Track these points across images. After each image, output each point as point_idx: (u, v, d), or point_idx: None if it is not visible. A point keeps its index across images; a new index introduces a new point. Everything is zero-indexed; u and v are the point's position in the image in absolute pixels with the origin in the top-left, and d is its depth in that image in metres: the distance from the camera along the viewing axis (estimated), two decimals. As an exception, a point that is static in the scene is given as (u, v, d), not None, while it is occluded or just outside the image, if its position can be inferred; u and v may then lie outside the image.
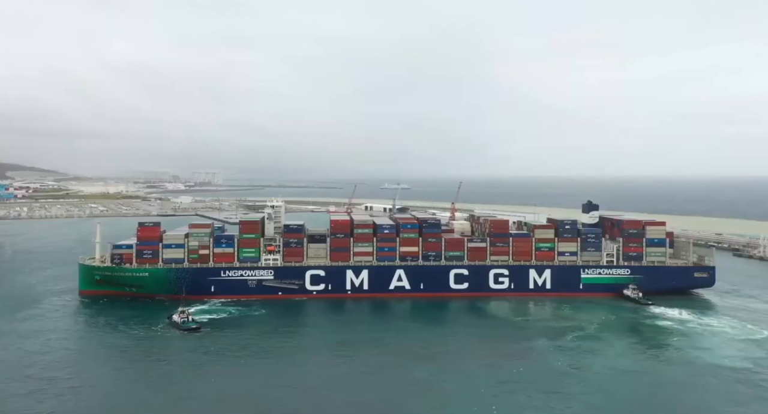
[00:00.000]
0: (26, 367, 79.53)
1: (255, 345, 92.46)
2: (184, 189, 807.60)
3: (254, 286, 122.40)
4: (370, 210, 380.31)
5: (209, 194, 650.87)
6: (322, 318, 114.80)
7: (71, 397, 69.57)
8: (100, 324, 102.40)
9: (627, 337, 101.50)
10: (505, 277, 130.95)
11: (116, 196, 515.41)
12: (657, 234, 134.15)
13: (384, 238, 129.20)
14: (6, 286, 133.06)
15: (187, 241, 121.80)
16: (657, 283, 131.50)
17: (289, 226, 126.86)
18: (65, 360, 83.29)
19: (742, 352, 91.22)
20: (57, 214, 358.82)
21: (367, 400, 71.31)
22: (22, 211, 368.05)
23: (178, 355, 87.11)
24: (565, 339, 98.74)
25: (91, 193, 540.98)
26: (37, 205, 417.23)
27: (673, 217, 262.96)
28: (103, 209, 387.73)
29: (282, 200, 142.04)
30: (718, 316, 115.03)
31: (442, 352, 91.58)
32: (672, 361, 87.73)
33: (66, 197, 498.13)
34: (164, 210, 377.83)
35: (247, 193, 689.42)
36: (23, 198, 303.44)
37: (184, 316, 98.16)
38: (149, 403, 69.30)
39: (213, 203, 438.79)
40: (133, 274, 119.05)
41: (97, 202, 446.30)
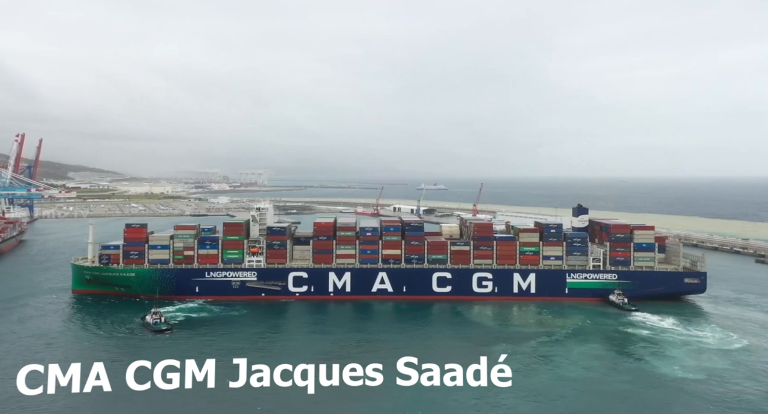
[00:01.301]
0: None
1: (218, 345, 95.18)
2: (229, 189, 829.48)
3: (238, 287, 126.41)
4: (398, 211, 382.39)
5: (252, 194, 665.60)
6: (299, 319, 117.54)
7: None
8: (74, 321, 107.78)
9: (592, 343, 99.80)
10: (489, 281, 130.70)
11: (159, 196, 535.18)
12: (645, 238, 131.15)
13: (366, 241, 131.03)
14: (14, 282, 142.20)
15: (172, 242, 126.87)
16: (645, 288, 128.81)
17: (272, 229, 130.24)
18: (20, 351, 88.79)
19: (705, 362, 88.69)
20: (98, 213, 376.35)
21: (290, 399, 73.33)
22: (67, 210, 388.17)
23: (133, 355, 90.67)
24: (527, 344, 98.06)
25: (135, 193, 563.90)
26: (83, 205, 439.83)
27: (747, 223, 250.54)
28: (142, 209, 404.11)
29: (270, 202, 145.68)
30: (701, 323, 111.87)
31: (389, 349, 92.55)
32: (624, 370, 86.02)
33: (111, 197, 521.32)
34: (198, 210, 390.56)
35: (289, 194, 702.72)
36: (56, 198, 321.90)
37: (157, 317, 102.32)
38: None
39: (248, 203, 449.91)
40: (120, 274, 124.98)
41: (139, 202, 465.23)
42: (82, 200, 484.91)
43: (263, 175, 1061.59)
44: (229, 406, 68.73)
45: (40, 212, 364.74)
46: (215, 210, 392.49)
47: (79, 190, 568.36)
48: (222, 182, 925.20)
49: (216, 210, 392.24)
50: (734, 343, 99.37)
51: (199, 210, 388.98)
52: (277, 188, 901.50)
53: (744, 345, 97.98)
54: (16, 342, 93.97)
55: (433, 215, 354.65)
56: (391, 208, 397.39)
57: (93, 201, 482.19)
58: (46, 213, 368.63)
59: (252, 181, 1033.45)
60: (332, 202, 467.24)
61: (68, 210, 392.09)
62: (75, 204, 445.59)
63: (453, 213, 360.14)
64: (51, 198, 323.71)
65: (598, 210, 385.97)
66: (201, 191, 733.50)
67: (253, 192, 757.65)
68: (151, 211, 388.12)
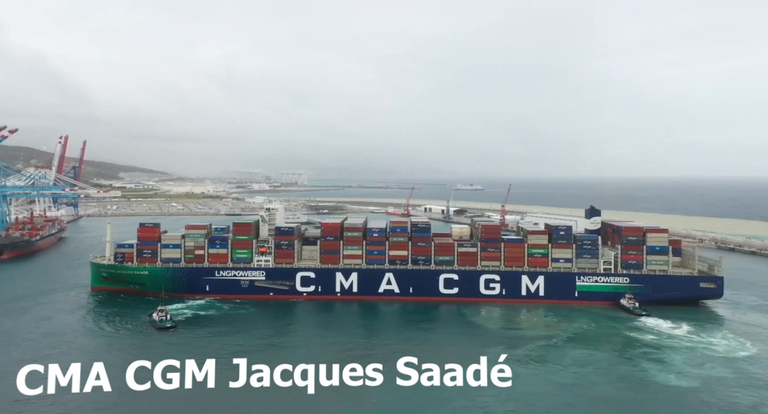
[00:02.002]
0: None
1: (220, 344, 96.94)
2: (269, 189, 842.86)
3: (246, 286, 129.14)
4: (429, 211, 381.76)
5: (290, 194, 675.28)
6: (305, 319, 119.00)
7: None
8: (85, 318, 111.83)
9: (590, 348, 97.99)
10: (497, 283, 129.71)
11: (199, 196, 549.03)
12: (658, 241, 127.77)
13: (373, 242, 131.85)
14: (42, 278, 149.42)
15: (183, 241, 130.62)
16: (658, 292, 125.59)
17: (281, 229, 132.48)
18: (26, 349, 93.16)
19: (704, 370, 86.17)
20: (139, 211, 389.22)
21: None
22: (111, 209, 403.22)
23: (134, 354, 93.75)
24: (524, 347, 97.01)
25: (176, 193, 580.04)
26: (126, 204, 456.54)
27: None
28: (181, 208, 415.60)
29: (281, 202, 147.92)
30: (713, 329, 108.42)
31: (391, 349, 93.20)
32: (616, 376, 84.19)
33: (154, 196, 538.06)
34: (233, 209, 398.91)
35: (326, 194, 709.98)
36: (92, 197, 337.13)
37: (162, 314, 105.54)
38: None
39: (282, 203, 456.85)
40: (134, 272, 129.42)
41: (178, 201, 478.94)
42: (126, 199, 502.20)
43: (303, 175, 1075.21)
44: (228, 406, 69.82)
45: (84, 211, 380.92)
46: (249, 209, 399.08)
47: (124, 190, 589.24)
48: (262, 182, 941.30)
49: (250, 210, 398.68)
50: (743, 350, 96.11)
51: (234, 209, 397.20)
52: (316, 188, 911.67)
53: (753, 353, 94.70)
54: (25, 338, 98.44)
55: (463, 216, 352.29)
56: (423, 208, 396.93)
57: (136, 200, 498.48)
58: (90, 211, 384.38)
59: (292, 181, 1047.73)
60: (364, 202, 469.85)
61: (112, 209, 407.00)
62: (119, 203, 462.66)
63: (484, 214, 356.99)
64: (87, 197, 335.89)
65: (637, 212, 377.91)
66: (241, 191, 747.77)
67: (293, 192, 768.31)
68: (189, 210, 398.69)
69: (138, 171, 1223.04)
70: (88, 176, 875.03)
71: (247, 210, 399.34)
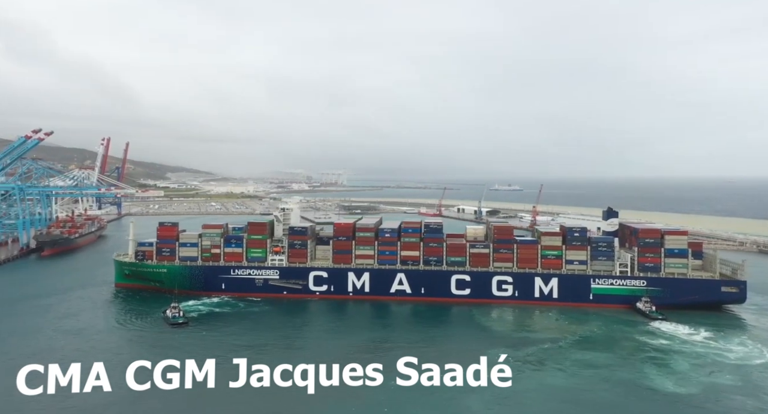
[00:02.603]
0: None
1: (227, 341, 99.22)
2: (308, 189, 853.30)
3: (261, 284, 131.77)
4: (461, 212, 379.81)
5: (327, 194, 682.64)
6: (316, 318, 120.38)
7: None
8: (103, 314, 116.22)
9: (595, 351, 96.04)
10: (509, 285, 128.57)
11: (238, 196, 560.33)
12: (677, 244, 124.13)
13: (385, 242, 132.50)
14: (73, 274, 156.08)
15: (200, 240, 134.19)
16: (676, 296, 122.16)
17: (294, 228, 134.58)
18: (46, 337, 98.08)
19: (710, 377, 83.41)
20: (179, 211, 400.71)
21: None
22: (153, 208, 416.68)
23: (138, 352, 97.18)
24: (528, 349, 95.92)
25: (216, 193, 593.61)
26: (168, 203, 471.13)
27: None
28: (219, 207, 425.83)
29: (297, 203, 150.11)
30: (732, 335, 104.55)
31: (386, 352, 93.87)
32: (614, 380, 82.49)
33: (195, 196, 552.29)
34: (268, 209, 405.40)
35: (365, 194, 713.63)
36: (128, 196, 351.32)
37: (175, 311, 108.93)
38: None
39: (317, 203, 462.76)
40: (153, 270, 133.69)
41: (218, 201, 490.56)
42: (169, 199, 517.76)
43: (343, 175, 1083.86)
44: (228, 405, 71.70)
45: (128, 210, 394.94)
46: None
47: (167, 190, 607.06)
48: (302, 182, 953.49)
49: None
50: (760, 358, 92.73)
51: (269, 209, 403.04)
52: (355, 188, 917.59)
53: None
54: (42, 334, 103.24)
55: (495, 217, 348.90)
56: (455, 209, 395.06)
57: (177, 200, 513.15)
58: (134, 210, 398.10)
59: (332, 181, 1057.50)
60: (397, 202, 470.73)
61: (154, 208, 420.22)
62: (161, 202, 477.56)
63: (517, 215, 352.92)
64: (125, 196, 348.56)
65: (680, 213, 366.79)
66: (281, 191, 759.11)
67: (331, 192, 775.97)
68: (226, 210, 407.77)
69: (185, 171, 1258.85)
70: (137, 176, 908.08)
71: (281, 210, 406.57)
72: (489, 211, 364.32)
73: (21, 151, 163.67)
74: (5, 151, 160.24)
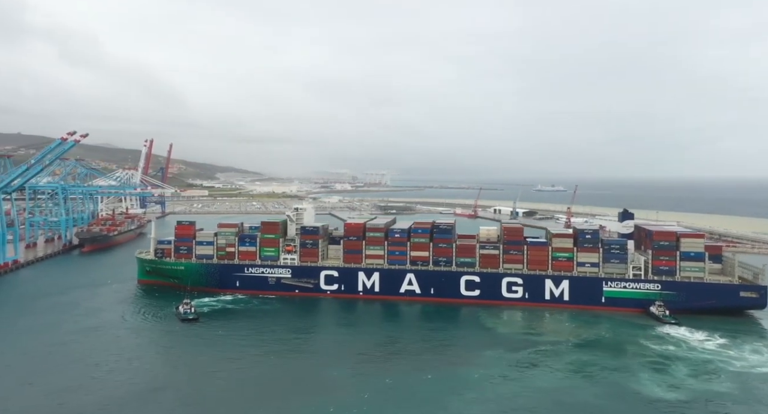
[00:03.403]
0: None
1: (231, 337, 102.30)
2: (350, 189, 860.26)
3: (273, 283, 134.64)
4: (498, 213, 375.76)
5: (372, 194, 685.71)
6: (325, 317, 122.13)
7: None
8: (121, 309, 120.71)
9: (594, 354, 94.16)
10: (519, 286, 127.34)
11: (279, 195, 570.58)
12: (693, 247, 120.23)
13: (395, 242, 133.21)
14: (105, 270, 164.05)
15: (216, 239, 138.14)
16: (693, 301, 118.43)
17: (306, 228, 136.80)
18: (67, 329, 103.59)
19: (704, 384, 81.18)
20: (220, 210, 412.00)
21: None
22: (195, 207, 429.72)
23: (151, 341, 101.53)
24: (524, 351, 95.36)
25: (258, 193, 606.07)
26: (211, 202, 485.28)
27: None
28: (259, 206, 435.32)
29: (311, 204, 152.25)
30: (747, 342, 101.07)
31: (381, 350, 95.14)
32: (600, 383, 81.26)
33: (238, 196, 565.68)
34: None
35: (407, 194, 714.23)
36: (165, 196, 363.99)
37: (187, 307, 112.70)
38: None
39: (354, 203, 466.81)
40: (172, 267, 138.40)
41: (258, 200, 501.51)
42: (213, 198, 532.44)
43: (386, 175, 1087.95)
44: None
45: (172, 208, 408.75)
46: (320, 209, 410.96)
47: (212, 190, 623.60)
48: (345, 182, 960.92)
49: (320, 209, 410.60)
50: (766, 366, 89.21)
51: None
52: (398, 188, 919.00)
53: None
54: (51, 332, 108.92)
55: (532, 218, 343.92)
56: (492, 209, 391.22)
57: (221, 199, 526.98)
58: (177, 209, 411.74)
59: (376, 182, 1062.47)
60: (433, 202, 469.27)
61: (197, 207, 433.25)
62: (204, 201, 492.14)
63: (554, 216, 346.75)
64: (168, 196, 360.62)
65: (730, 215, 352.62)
66: (324, 191, 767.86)
67: (374, 192, 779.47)
68: (265, 209, 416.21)
69: (234, 171, 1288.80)
70: (188, 176, 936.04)
71: (319, 210, 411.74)
72: (526, 212, 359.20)
73: (59, 153, 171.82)
74: (43, 152, 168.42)
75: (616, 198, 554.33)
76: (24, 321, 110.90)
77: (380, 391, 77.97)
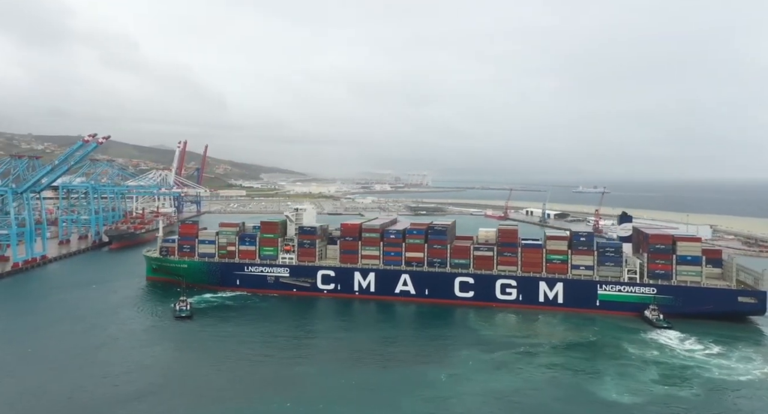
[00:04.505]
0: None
1: (218, 336, 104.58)
2: (390, 190, 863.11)
3: (272, 281, 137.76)
4: (530, 215, 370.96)
5: (413, 195, 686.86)
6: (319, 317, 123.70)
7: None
8: (121, 305, 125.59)
9: (568, 357, 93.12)
10: (513, 288, 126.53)
11: (315, 196, 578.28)
12: (690, 251, 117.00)
13: (390, 243, 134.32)
14: (122, 267, 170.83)
15: (217, 238, 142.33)
16: (689, 305, 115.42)
17: (303, 228, 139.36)
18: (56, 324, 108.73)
19: (668, 390, 79.53)
20: (254, 210, 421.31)
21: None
22: (231, 207, 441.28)
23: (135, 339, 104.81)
24: (500, 352, 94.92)
25: (295, 193, 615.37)
26: (247, 202, 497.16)
27: None
28: (291, 205, 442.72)
29: (312, 205, 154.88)
30: (738, 349, 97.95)
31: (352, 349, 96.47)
32: (561, 385, 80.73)
33: (274, 196, 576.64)
34: (336, 209, 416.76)
35: (447, 195, 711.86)
36: (197, 195, 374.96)
37: (183, 304, 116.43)
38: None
39: (387, 204, 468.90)
40: (176, 265, 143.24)
41: (293, 200, 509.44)
42: (250, 198, 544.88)
43: (428, 176, 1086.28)
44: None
45: (208, 207, 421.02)
46: (351, 209, 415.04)
47: (250, 190, 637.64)
48: (386, 183, 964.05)
49: (352, 209, 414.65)
50: (748, 374, 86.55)
51: (338, 209, 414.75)
52: (439, 189, 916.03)
53: (757, 378, 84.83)
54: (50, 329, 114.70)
55: (563, 220, 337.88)
56: (524, 211, 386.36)
57: (257, 199, 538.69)
58: (214, 208, 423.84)
59: (417, 183, 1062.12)
60: (466, 203, 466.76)
61: (232, 207, 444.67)
62: (241, 201, 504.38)
63: (586, 218, 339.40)
64: (196, 196, 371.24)
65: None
66: (363, 191, 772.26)
67: (415, 192, 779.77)
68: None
69: (279, 172, 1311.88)
70: (233, 177, 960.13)
71: (349, 210, 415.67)
72: (558, 214, 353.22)
73: (83, 154, 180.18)
74: (66, 153, 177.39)
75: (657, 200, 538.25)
76: (24, 318, 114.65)
77: (340, 388, 79.48)
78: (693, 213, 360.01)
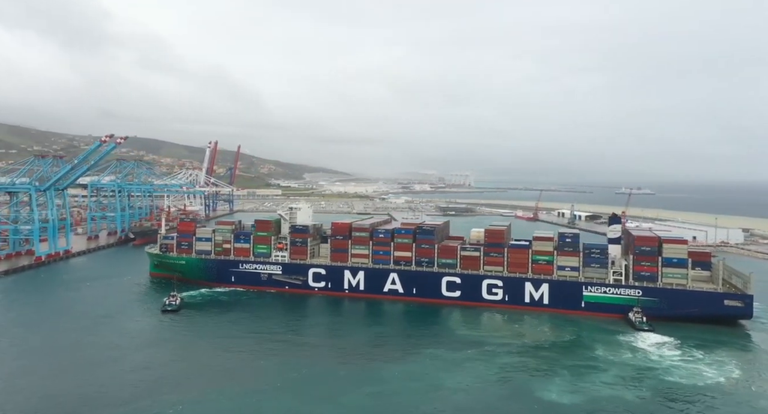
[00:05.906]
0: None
1: (196, 329, 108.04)
2: (430, 190, 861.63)
3: (266, 278, 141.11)
4: (561, 216, 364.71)
5: (455, 195, 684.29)
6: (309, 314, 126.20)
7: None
8: (122, 298, 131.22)
9: (531, 357, 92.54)
10: (499, 289, 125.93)
11: (350, 195, 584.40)
12: (676, 253, 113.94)
13: (379, 242, 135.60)
14: (133, 264, 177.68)
15: (213, 235, 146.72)
16: (674, 308, 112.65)
17: (296, 227, 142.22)
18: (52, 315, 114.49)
19: (620, 391, 78.34)
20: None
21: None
22: (264, 205, 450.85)
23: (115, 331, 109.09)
24: (465, 351, 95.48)
25: (330, 192, 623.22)
26: (281, 200, 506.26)
27: None
28: (324, 205, 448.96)
29: (309, 204, 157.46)
30: (713, 353, 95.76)
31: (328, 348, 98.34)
32: (513, 385, 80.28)
33: (310, 195, 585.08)
34: (366, 209, 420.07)
35: (489, 195, 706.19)
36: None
37: (173, 299, 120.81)
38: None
39: (418, 204, 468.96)
40: (175, 261, 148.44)
41: (327, 200, 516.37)
42: (285, 197, 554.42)
43: (470, 176, 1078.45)
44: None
45: (241, 207, 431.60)
46: (381, 209, 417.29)
47: (286, 189, 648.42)
48: (425, 183, 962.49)
49: (382, 209, 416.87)
50: (714, 378, 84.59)
51: (367, 209, 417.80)
52: (481, 189, 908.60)
53: (720, 381, 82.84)
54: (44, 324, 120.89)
55: (594, 221, 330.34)
56: (556, 212, 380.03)
57: (293, 198, 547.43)
58: (247, 207, 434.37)
59: (460, 183, 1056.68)
60: (495, 204, 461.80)
61: (265, 205, 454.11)
62: (275, 200, 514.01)
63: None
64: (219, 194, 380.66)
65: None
66: (404, 191, 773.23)
67: (456, 193, 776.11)
68: (328, 208, 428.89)
69: (323, 172, 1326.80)
70: (276, 176, 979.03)
71: (379, 209, 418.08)
72: (589, 216, 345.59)
73: (102, 153, 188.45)
74: (85, 153, 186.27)
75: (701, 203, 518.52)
76: (23, 313, 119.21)
77: (291, 381, 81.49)
78: (734, 216, 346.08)
